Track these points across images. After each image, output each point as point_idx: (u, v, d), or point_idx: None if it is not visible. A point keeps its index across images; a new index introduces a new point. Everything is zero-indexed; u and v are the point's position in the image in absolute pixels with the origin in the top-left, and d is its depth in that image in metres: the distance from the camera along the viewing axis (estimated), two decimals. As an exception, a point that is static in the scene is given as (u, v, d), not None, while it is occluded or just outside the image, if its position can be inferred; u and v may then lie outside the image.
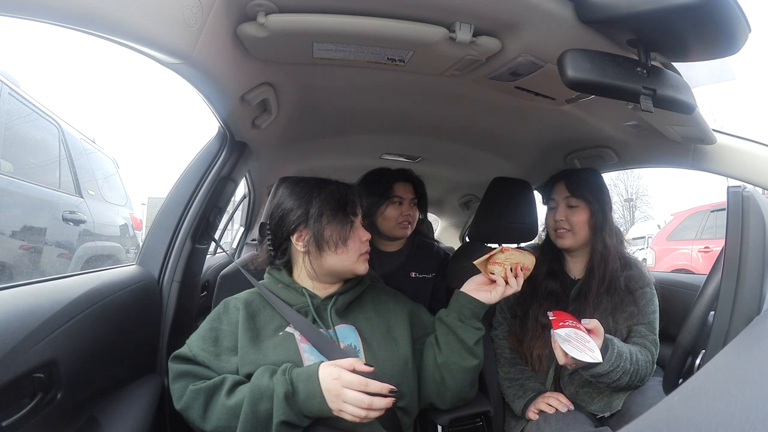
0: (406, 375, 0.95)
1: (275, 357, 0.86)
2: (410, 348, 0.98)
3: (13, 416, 0.65)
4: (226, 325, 0.92)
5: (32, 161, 2.86)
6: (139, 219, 4.68)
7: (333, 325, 0.94)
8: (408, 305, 1.07)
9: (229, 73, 0.88)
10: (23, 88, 2.75)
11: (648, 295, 1.16)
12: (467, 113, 1.35)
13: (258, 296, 0.98)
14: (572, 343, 0.92)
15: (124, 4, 0.54)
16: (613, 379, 1.01)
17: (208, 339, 0.90)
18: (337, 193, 0.96)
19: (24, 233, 2.63)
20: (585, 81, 0.70)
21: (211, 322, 0.93)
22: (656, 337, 1.14)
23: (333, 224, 0.94)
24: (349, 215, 0.96)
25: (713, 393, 0.36)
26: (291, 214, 0.95)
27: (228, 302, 0.96)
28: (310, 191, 0.96)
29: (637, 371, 1.04)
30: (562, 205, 1.24)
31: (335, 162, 1.94)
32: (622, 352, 1.01)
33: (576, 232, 1.21)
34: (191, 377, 0.87)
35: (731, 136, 1.15)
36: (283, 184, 1.00)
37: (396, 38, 0.84)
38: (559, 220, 1.23)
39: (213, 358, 0.88)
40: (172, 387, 0.87)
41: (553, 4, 0.74)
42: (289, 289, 0.97)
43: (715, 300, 0.83)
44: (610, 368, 0.99)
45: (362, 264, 0.98)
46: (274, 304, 0.94)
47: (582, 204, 1.21)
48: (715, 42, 0.71)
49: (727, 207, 0.80)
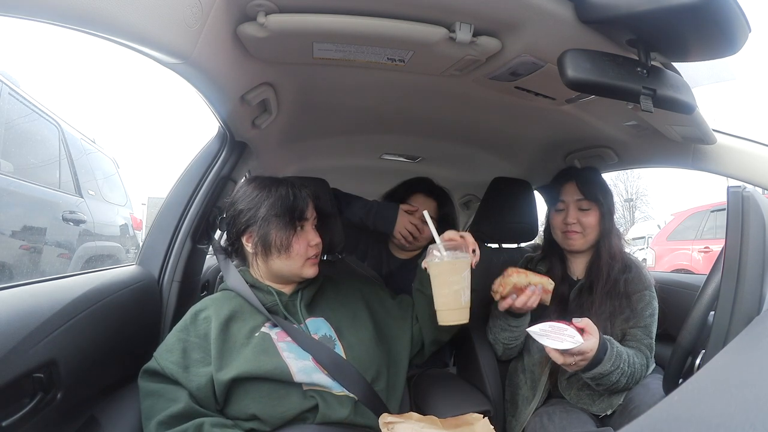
0: (378, 354, 0.98)
1: (257, 363, 0.85)
2: (373, 327, 1.02)
3: (13, 416, 0.65)
4: (194, 336, 0.89)
5: (32, 161, 2.86)
6: (139, 219, 4.68)
7: (303, 319, 0.96)
8: (358, 286, 1.11)
9: (229, 73, 0.88)
10: (23, 88, 2.76)
11: (646, 299, 1.15)
12: (467, 113, 1.35)
13: (229, 299, 0.97)
14: (550, 336, 0.93)
15: (124, 4, 0.54)
16: (612, 381, 1.01)
17: (175, 351, 0.87)
18: (286, 198, 0.96)
19: (24, 233, 2.63)
20: (585, 81, 0.70)
21: (178, 333, 0.90)
22: (652, 341, 1.13)
23: (278, 228, 0.95)
24: (295, 220, 0.96)
25: (713, 393, 0.36)
26: (241, 216, 0.96)
27: (197, 313, 0.93)
28: (261, 194, 0.97)
29: (633, 374, 1.04)
30: (573, 207, 1.22)
31: (335, 162, 1.94)
32: (621, 351, 1.01)
33: (587, 234, 1.21)
34: (160, 399, 0.83)
35: (731, 136, 1.15)
36: (245, 183, 1.02)
37: (396, 38, 0.84)
38: (570, 223, 1.21)
39: (181, 371, 0.85)
40: (142, 404, 0.84)
41: (553, 4, 0.74)
42: (255, 289, 0.97)
43: (715, 300, 0.83)
44: (612, 368, 0.99)
45: (309, 268, 0.98)
46: (255, 305, 0.94)
47: (594, 206, 1.21)
48: (715, 42, 0.71)
49: (727, 207, 0.80)
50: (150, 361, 0.88)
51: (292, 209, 0.95)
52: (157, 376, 0.86)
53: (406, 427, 0.84)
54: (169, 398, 0.83)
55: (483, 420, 0.91)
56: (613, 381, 1.01)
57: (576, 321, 0.98)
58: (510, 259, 1.52)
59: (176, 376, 0.84)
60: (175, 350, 0.87)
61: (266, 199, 0.96)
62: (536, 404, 1.17)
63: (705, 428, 0.29)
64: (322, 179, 1.39)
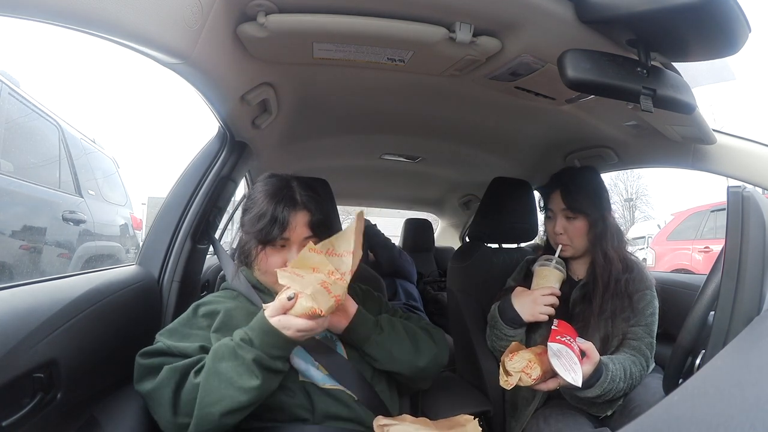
0: None
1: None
2: None
3: (13, 416, 0.65)
4: (197, 328, 0.89)
5: (32, 161, 2.86)
6: (139, 219, 4.68)
7: None
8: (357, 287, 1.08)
9: (229, 73, 0.88)
10: (23, 88, 2.76)
11: (647, 298, 1.16)
12: (467, 113, 1.35)
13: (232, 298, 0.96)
14: (561, 360, 0.92)
15: (124, 4, 0.54)
16: (603, 400, 1.03)
17: (177, 334, 0.87)
18: (263, 216, 0.90)
19: (24, 233, 2.63)
20: (585, 81, 0.70)
21: (181, 324, 0.90)
22: (653, 339, 1.13)
23: (254, 243, 0.92)
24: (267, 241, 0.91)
25: (713, 393, 0.36)
26: (245, 215, 0.96)
27: (198, 306, 0.93)
28: (256, 200, 0.93)
29: (632, 384, 1.06)
30: (560, 216, 1.22)
31: (335, 162, 1.94)
32: (616, 377, 1.01)
33: (575, 244, 1.20)
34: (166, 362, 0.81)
35: (731, 136, 1.15)
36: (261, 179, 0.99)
37: (396, 38, 0.84)
38: (558, 233, 1.21)
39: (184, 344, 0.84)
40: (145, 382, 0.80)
41: (553, 4, 0.74)
42: (258, 291, 0.96)
43: (715, 300, 0.83)
44: (601, 392, 1.00)
45: None
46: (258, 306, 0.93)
47: (579, 216, 1.19)
48: (715, 42, 0.71)
49: (727, 207, 0.80)
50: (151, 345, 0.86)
51: (266, 232, 0.90)
52: (160, 353, 0.84)
53: (401, 429, 0.85)
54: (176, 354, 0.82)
55: (473, 421, 0.92)
56: (604, 400, 1.03)
57: (580, 342, 0.98)
58: (510, 258, 1.52)
59: (179, 348, 0.83)
60: (177, 333, 0.87)
61: (254, 208, 0.93)
62: (536, 405, 1.17)
63: (705, 428, 0.29)
64: (322, 179, 1.39)
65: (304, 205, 0.93)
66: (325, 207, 1.00)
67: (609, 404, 1.08)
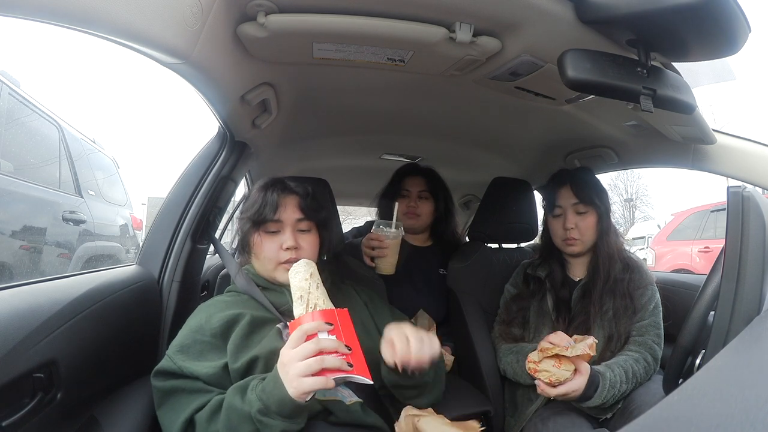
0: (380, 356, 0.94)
1: (272, 345, 0.85)
2: (375, 329, 1.02)
3: (13, 416, 0.65)
4: (210, 336, 0.87)
5: (32, 161, 2.86)
6: (139, 219, 4.68)
7: None
8: (357, 288, 1.12)
9: (229, 73, 0.88)
10: (23, 88, 2.76)
11: (649, 293, 1.17)
12: (467, 113, 1.35)
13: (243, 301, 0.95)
14: None
15: (124, 4, 0.54)
16: (607, 405, 1.03)
17: (190, 350, 0.85)
18: (254, 201, 0.97)
19: (24, 233, 2.63)
20: (585, 81, 0.70)
21: (193, 333, 0.88)
22: (660, 331, 1.14)
23: (249, 231, 0.97)
24: (259, 223, 0.95)
25: (713, 393, 0.36)
26: (242, 213, 1.00)
27: (211, 314, 0.91)
28: (250, 195, 1.01)
29: (637, 383, 1.06)
30: (570, 211, 1.22)
31: (335, 162, 1.94)
32: (616, 383, 1.02)
33: (585, 239, 1.21)
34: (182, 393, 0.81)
35: (731, 136, 1.15)
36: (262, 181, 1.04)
37: (396, 38, 0.84)
38: (569, 228, 1.21)
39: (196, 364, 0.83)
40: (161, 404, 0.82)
41: (553, 4, 0.74)
42: (266, 291, 0.96)
43: (715, 300, 0.83)
44: (603, 400, 1.01)
45: (281, 273, 0.94)
46: (268, 309, 0.93)
47: (590, 208, 1.21)
48: (715, 42, 0.71)
49: (727, 207, 0.80)
50: (163, 361, 0.85)
51: (258, 213, 0.95)
52: (173, 375, 0.83)
53: (429, 420, 0.89)
54: (191, 391, 0.81)
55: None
56: (608, 405, 1.03)
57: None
58: (510, 258, 1.52)
59: (191, 369, 0.82)
60: (191, 350, 0.85)
61: (249, 200, 1.00)
62: (537, 405, 1.17)
63: (705, 428, 0.29)
64: (322, 179, 1.39)
65: (293, 190, 1.00)
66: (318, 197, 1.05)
67: (610, 407, 1.08)
